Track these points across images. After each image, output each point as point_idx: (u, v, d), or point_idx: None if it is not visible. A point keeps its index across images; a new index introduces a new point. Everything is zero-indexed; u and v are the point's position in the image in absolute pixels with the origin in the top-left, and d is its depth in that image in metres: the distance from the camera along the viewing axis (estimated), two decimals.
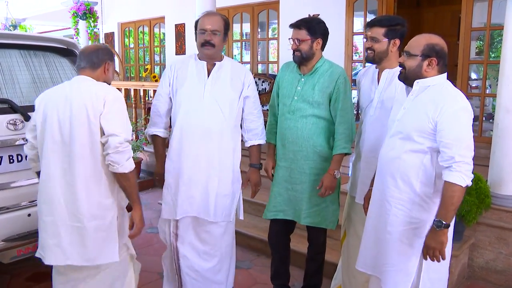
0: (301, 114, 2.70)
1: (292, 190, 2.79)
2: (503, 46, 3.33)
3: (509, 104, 3.28)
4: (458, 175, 1.90)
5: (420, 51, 2.04)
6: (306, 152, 2.72)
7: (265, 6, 7.63)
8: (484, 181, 3.22)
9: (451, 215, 1.95)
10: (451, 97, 1.98)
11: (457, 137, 1.92)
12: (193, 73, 2.65)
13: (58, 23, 7.84)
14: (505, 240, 3.33)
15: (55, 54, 3.34)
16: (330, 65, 2.72)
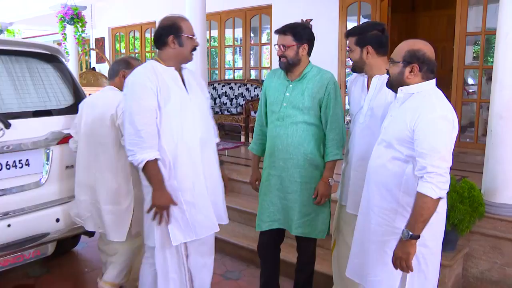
0: (291, 121, 2.69)
1: (284, 199, 2.77)
2: (495, 51, 3.34)
3: (502, 110, 3.29)
4: (429, 186, 1.89)
5: (402, 57, 2.04)
6: (297, 160, 2.71)
7: (258, 10, 7.67)
8: (477, 189, 3.22)
9: (420, 226, 1.93)
10: (430, 105, 1.97)
11: (432, 147, 1.90)
12: (170, 81, 2.47)
13: (47, 27, 7.83)
14: (500, 250, 3.32)
15: (38, 60, 3.35)
16: (319, 71, 2.73)
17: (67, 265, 3.94)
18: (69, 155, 3.25)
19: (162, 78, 2.44)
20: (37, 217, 3.07)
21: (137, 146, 2.35)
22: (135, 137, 2.35)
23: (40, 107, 3.19)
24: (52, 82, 3.36)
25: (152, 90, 2.38)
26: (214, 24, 8.43)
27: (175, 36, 2.45)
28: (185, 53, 2.51)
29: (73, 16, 6.87)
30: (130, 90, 2.41)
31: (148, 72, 2.42)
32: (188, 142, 2.50)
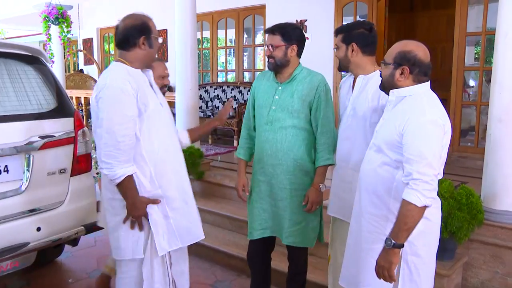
0: (280, 125, 2.66)
1: (275, 206, 2.75)
2: (494, 51, 3.34)
3: (501, 113, 3.28)
4: (414, 194, 1.87)
5: (392, 59, 2.03)
6: (286, 166, 2.67)
7: (251, 11, 7.67)
8: (476, 196, 3.20)
9: (403, 235, 1.91)
10: (420, 109, 1.96)
11: (419, 152, 1.89)
12: (144, 85, 2.40)
13: (31, 27, 7.74)
14: (501, 259, 3.30)
15: (18, 61, 3.30)
16: (309, 72, 2.70)
17: (49, 276, 3.88)
18: (51, 161, 3.21)
19: (139, 82, 2.37)
20: (17, 226, 3.01)
21: (115, 159, 2.26)
22: (114, 149, 2.25)
23: (21, 111, 3.15)
24: (34, 85, 3.32)
25: (133, 97, 2.30)
26: (206, 24, 8.43)
27: (146, 37, 2.38)
28: (153, 55, 2.47)
29: (58, 15, 6.79)
30: (110, 96, 2.26)
31: (127, 75, 2.32)
32: (169, 148, 2.49)
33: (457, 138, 5.52)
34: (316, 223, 2.78)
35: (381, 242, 2.04)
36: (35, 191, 3.13)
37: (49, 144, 3.18)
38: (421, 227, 1.98)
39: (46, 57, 3.53)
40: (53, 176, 3.24)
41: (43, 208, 3.17)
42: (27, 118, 3.15)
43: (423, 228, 2.00)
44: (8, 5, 9.00)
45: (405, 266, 2.03)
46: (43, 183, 3.18)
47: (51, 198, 3.22)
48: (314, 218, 2.76)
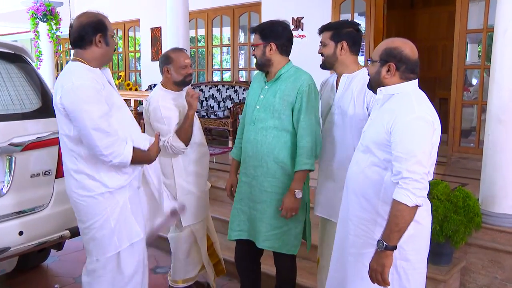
0: (261, 126, 2.64)
1: (253, 208, 2.72)
2: (493, 49, 3.32)
3: (500, 113, 3.26)
4: (404, 193, 1.85)
5: (379, 56, 2.02)
6: (267, 168, 2.64)
7: (247, 8, 7.65)
8: (473, 198, 3.18)
9: (395, 236, 1.89)
10: (408, 106, 1.94)
11: (408, 150, 1.87)
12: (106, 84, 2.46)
13: (20, 24, 7.68)
14: (500, 264, 3.28)
15: (0, 60, 3.28)
16: (296, 71, 2.67)
17: (34, 281, 3.85)
18: (35, 162, 3.18)
19: (101, 80, 2.40)
20: None
21: (115, 144, 2.33)
22: (107, 138, 2.30)
23: (2, 111, 3.12)
24: (16, 84, 3.29)
25: (101, 93, 2.34)
26: (201, 22, 8.41)
27: (102, 35, 2.40)
28: (110, 53, 2.49)
29: (46, 12, 6.74)
30: (82, 95, 2.28)
31: (90, 72, 2.36)
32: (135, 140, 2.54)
33: (457, 139, 5.48)
34: (299, 229, 2.71)
35: (371, 246, 2.02)
36: (17, 193, 3.10)
37: (32, 145, 3.14)
38: (411, 231, 1.96)
39: (30, 55, 3.49)
40: (37, 178, 3.21)
41: (26, 211, 3.13)
42: (9, 118, 3.12)
43: (413, 232, 1.98)
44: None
45: (394, 271, 2.00)
46: (26, 186, 3.15)
47: (35, 201, 3.19)
48: (298, 224, 2.70)
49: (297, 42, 6.91)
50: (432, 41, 7.74)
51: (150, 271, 3.94)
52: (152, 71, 9.12)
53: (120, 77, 9.23)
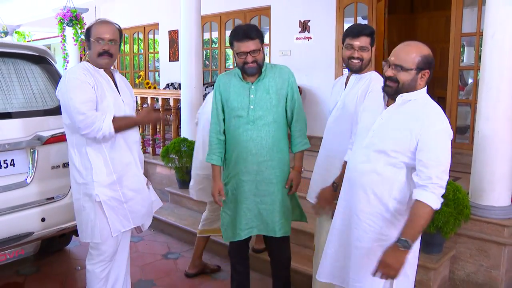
0: (262, 123, 2.61)
1: (261, 203, 2.67)
2: (482, 51, 3.25)
3: (489, 112, 3.19)
4: (432, 197, 1.85)
5: (415, 64, 1.91)
6: (271, 162, 2.64)
7: (257, 12, 7.61)
8: (463, 192, 3.13)
9: (418, 236, 1.90)
10: (436, 116, 1.91)
11: (437, 159, 1.86)
12: (102, 81, 2.54)
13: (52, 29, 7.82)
14: (486, 252, 3.23)
15: (25, 61, 3.32)
16: (274, 66, 2.69)
17: (58, 263, 3.91)
18: (55, 155, 3.22)
19: (96, 77, 2.52)
20: (22, 216, 3.03)
21: (96, 120, 2.41)
22: (86, 118, 2.40)
23: (26, 108, 3.16)
24: (39, 83, 3.33)
25: (90, 85, 2.46)
26: (214, 25, 8.39)
27: (87, 40, 2.59)
28: (93, 57, 2.55)
29: (72, 18, 6.85)
30: (69, 85, 2.45)
31: (83, 70, 2.50)
32: (127, 140, 2.62)
33: (453, 135, 5.41)
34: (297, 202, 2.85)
35: (377, 241, 2.00)
36: (40, 184, 3.15)
37: (53, 139, 3.19)
38: None
39: (52, 56, 3.53)
40: (57, 169, 3.25)
41: (48, 200, 3.19)
42: (33, 114, 3.17)
43: None
44: (32, 9, 9.13)
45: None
46: (48, 176, 3.19)
47: (55, 191, 3.23)
48: (297, 205, 2.82)
49: (304, 43, 6.90)
50: (431, 44, 7.51)
51: (161, 257, 4.00)
52: (170, 71, 9.16)
53: (140, 76, 9.28)
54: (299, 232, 3.73)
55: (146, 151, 6.06)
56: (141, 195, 2.73)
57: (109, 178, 2.55)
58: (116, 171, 2.57)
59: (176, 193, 5.12)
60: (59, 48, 7.72)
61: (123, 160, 2.61)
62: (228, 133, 2.71)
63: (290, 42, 7.06)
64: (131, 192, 2.65)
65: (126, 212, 2.64)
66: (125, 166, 2.62)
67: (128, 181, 2.63)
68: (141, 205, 2.73)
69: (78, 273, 3.72)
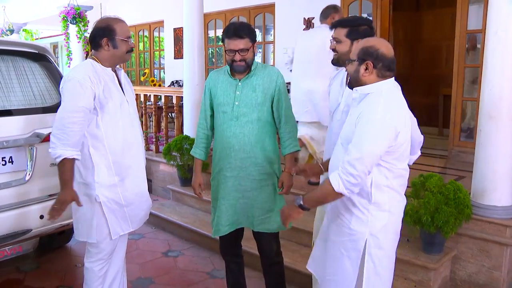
0: (246, 120, 2.62)
1: (243, 197, 2.69)
2: (484, 48, 3.20)
3: (491, 110, 3.15)
4: (336, 178, 1.88)
5: (356, 55, 1.98)
6: (255, 158, 2.64)
7: (261, 9, 7.57)
8: (464, 191, 3.09)
9: (311, 204, 2.03)
10: (373, 107, 1.90)
11: (358, 147, 1.86)
12: (109, 81, 2.51)
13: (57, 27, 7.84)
14: (488, 253, 3.19)
15: (25, 58, 3.32)
16: (264, 66, 2.69)
17: (58, 260, 3.93)
18: None
19: (103, 77, 2.47)
20: (20, 213, 3.04)
21: (60, 141, 2.36)
22: (61, 133, 2.36)
23: (25, 105, 3.17)
24: (39, 80, 3.33)
25: (92, 91, 2.39)
26: (219, 23, 8.37)
27: (109, 39, 2.48)
28: (119, 55, 2.53)
29: (75, 15, 6.85)
30: (69, 86, 2.40)
31: (89, 71, 2.43)
32: (130, 142, 2.58)
33: (457, 134, 5.36)
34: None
35: (347, 235, 2.02)
36: (39, 181, 3.16)
37: None
38: (384, 221, 1.98)
39: (52, 54, 3.53)
40: (56, 167, 3.22)
41: (46, 197, 3.19)
42: (31, 112, 3.18)
43: (386, 222, 1.99)
44: (37, 7, 9.17)
45: (369, 259, 1.99)
46: (46, 174, 3.20)
47: (54, 188, 3.20)
48: (282, 204, 2.74)
49: None
50: (437, 41, 7.54)
51: (161, 255, 4.00)
52: (175, 69, 9.16)
53: (145, 74, 9.29)
54: (300, 231, 3.72)
55: (149, 149, 6.06)
56: (142, 198, 2.70)
57: (110, 180, 2.52)
58: (118, 173, 2.53)
59: (178, 190, 5.12)
60: (63, 46, 7.73)
61: (125, 163, 2.56)
62: (215, 129, 2.75)
63: (295, 39, 7.00)
64: (132, 195, 2.61)
65: (126, 216, 2.61)
66: (127, 168, 2.58)
67: (130, 184, 2.59)
68: (140, 209, 2.70)
69: (78, 270, 3.73)
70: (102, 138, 2.47)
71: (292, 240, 3.76)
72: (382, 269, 2.03)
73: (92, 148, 2.48)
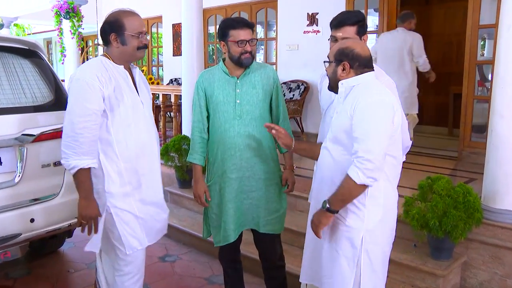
0: (250, 117, 2.62)
1: (247, 198, 2.68)
2: (497, 44, 3.19)
3: (503, 109, 3.12)
4: (355, 170, 1.90)
5: (333, 57, 2.11)
6: (260, 157, 2.65)
7: (263, 4, 7.57)
8: (474, 194, 3.06)
9: (338, 204, 2.01)
10: (367, 92, 1.99)
11: (365, 131, 1.91)
12: (122, 81, 2.40)
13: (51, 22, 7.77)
14: (501, 260, 3.15)
15: (14, 55, 3.31)
16: (258, 63, 2.73)
17: (50, 265, 3.91)
18: (46, 153, 3.21)
19: (114, 76, 2.36)
20: (10, 217, 3.01)
21: (72, 150, 2.26)
22: (72, 141, 2.25)
23: (15, 104, 3.15)
24: (30, 78, 3.32)
25: (101, 91, 2.29)
26: (220, 18, 8.35)
27: (117, 35, 2.37)
28: (129, 52, 2.41)
29: (69, 10, 6.80)
30: (75, 88, 2.30)
31: (98, 70, 2.33)
32: (144, 147, 2.48)
33: (468, 134, 5.31)
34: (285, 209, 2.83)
35: (341, 233, 2.08)
36: (29, 183, 3.14)
37: (43, 137, 3.17)
38: (379, 216, 2.04)
39: (43, 50, 3.52)
40: (48, 168, 3.24)
41: (37, 200, 3.18)
42: (21, 111, 3.16)
43: (381, 217, 2.05)
44: (30, 1, 9.14)
45: (366, 256, 2.04)
46: (37, 175, 3.19)
47: (46, 190, 3.22)
48: (285, 204, 2.80)
49: (312, 37, 6.85)
50: (447, 37, 7.50)
51: (158, 259, 4.00)
52: (173, 66, 9.15)
53: (143, 71, 9.27)
54: (301, 235, 3.67)
55: None
56: (158, 209, 2.59)
57: (122, 189, 2.41)
58: (130, 181, 2.42)
59: (176, 193, 5.10)
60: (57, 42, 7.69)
61: (139, 170, 2.45)
62: (213, 130, 2.70)
63: (298, 35, 7.01)
64: (147, 205, 2.50)
65: (141, 228, 2.49)
66: (141, 176, 2.46)
67: (144, 193, 2.48)
68: (156, 220, 2.58)
69: (71, 276, 3.72)
70: (112, 143, 2.36)
71: (294, 245, 3.73)
72: (378, 265, 2.09)
73: (102, 154, 2.37)
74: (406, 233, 3.26)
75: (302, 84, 7.04)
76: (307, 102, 6.96)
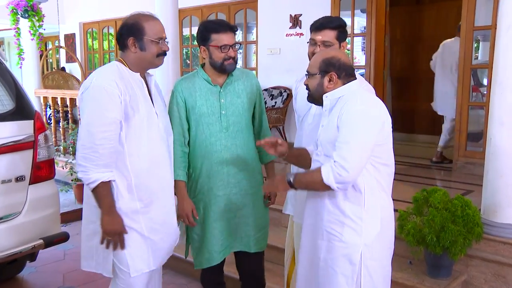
0: (237, 129, 2.63)
1: (235, 217, 2.68)
2: (495, 47, 3.27)
3: (503, 115, 3.20)
4: (327, 169, 1.99)
5: (318, 69, 2.15)
6: (246, 171, 2.67)
7: (243, 5, 7.62)
8: (473, 207, 3.11)
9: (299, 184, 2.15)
10: (352, 101, 2.05)
11: (345, 140, 1.99)
12: (137, 89, 2.36)
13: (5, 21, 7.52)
14: (504, 278, 3.20)
15: None
16: (240, 69, 2.77)
17: None
18: (6, 168, 3.16)
19: (130, 84, 2.34)
20: None
21: (92, 162, 2.23)
22: (91, 152, 2.23)
23: None
24: None
25: (119, 99, 2.26)
26: (195, 20, 8.37)
27: (136, 39, 2.34)
28: (148, 58, 2.39)
29: (27, 8, 6.62)
30: (93, 95, 2.26)
31: (116, 76, 2.30)
32: (158, 162, 2.45)
33: (463, 143, 5.41)
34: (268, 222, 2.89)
35: (338, 250, 2.09)
36: None
37: (3, 149, 3.13)
38: (378, 229, 2.08)
39: (2, 53, 3.47)
40: (8, 184, 3.18)
41: None
42: None
43: (379, 229, 2.09)
44: None
45: (366, 272, 2.07)
46: None
47: (6, 209, 3.17)
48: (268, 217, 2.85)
49: (295, 40, 6.92)
50: (440, 39, 7.63)
51: None
52: None
53: None
54: None
55: None
56: (169, 230, 2.54)
57: (131, 205, 2.37)
58: (140, 198, 2.39)
59: None
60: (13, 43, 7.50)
61: (150, 186, 2.41)
62: (196, 144, 2.65)
63: (280, 38, 7.07)
64: (157, 225, 2.46)
65: (148, 249, 2.44)
66: (153, 193, 2.43)
67: (155, 212, 2.44)
68: (165, 242, 2.53)
69: None
70: (124, 155, 2.33)
71: (279, 263, 3.72)
72: (379, 282, 2.11)
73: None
74: (401, 250, 3.28)
75: (285, 91, 7.09)
76: (290, 110, 6.99)
